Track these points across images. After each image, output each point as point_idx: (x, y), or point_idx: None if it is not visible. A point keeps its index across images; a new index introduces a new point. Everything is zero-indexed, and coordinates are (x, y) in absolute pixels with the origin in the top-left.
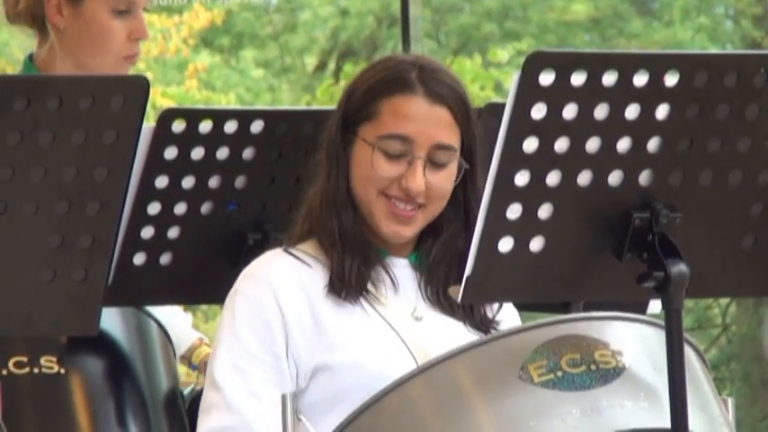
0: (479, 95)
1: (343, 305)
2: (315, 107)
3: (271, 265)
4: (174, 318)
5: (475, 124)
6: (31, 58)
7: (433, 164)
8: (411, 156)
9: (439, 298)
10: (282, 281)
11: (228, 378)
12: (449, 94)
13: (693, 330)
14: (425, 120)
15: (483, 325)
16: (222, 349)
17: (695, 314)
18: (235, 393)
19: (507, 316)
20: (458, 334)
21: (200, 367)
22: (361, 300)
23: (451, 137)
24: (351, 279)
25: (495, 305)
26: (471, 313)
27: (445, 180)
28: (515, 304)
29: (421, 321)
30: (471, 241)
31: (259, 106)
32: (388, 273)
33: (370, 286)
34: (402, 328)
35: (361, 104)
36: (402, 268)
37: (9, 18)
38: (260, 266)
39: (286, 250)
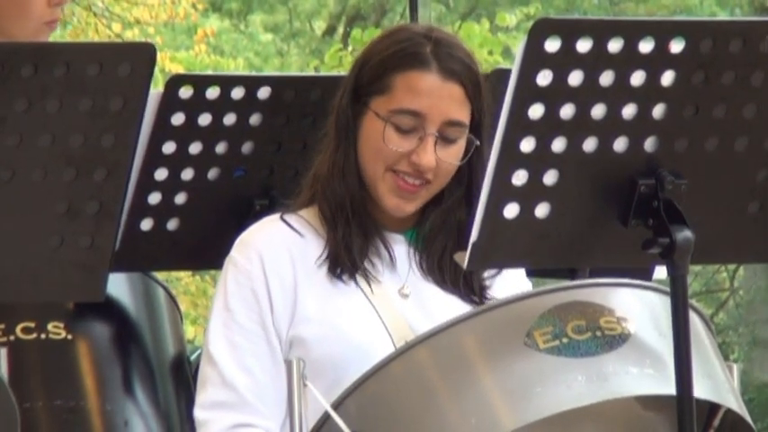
0: (487, 60)
1: (331, 279)
2: (322, 73)
3: (262, 233)
4: None
5: (485, 99)
6: None
7: (444, 140)
8: (422, 131)
9: (432, 269)
10: (271, 249)
11: (222, 352)
12: (462, 71)
13: (701, 294)
14: (438, 96)
15: (476, 294)
16: (216, 321)
17: (703, 278)
18: (228, 368)
19: (518, 284)
20: (447, 309)
21: None
22: (357, 274)
23: (463, 113)
24: (350, 254)
25: (488, 274)
26: (465, 283)
27: (454, 156)
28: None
29: (407, 298)
30: (473, 213)
31: (267, 72)
32: (387, 248)
33: (366, 263)
34: (384, 304)
35: (373, 77)
36: (397, 244)
37: None
38: (252, 235)
39: (282, 217)
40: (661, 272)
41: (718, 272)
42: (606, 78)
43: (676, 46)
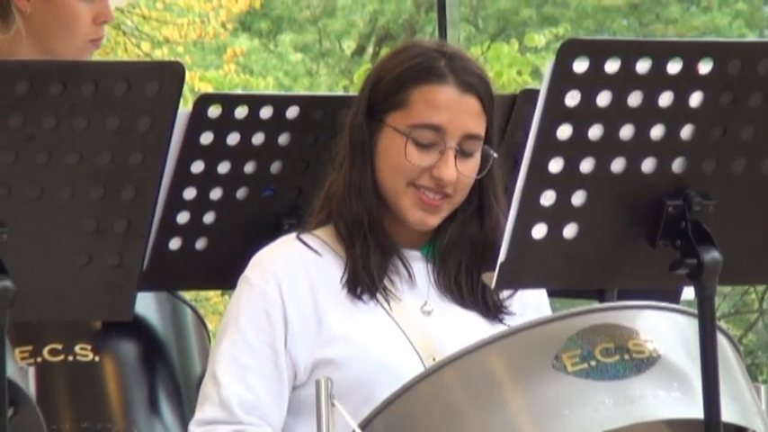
0: (516, 80)
1: (352, 299)
2: (350, 93)
3: (279, 253)
4: None
5: (497, 113)
6: None
7: (463, 153)
8: (443, 145)
9: (449, 286)
10: (288, 271)
11: (227, 372)
12: (478, 84)
13: (730, 316)
14: (456, 109)
15: (494, 311)
16: (226, 340)
17: (732, 300)
18: (229, 388)
19: (537, 300)
20: (468, 325)
21: None
22: (377, 294)
23: (479, 126)
24: (368, 273)
25: (506, 292)
26: (483, 299)
27: (472, 169)
28: (549, 291)
29: (430, 315)
30: (484, 227)
31: (296, 91)
32: (405, 266)
33: (386, 281)
34: (408, 322)
35: (389, 92)
36: (414, 261)
37: None
38: (269, 254)
39: (298, 237)
40: (689, 293)
41: (746, 293)
42: (634, 99)
43: (704, 67)
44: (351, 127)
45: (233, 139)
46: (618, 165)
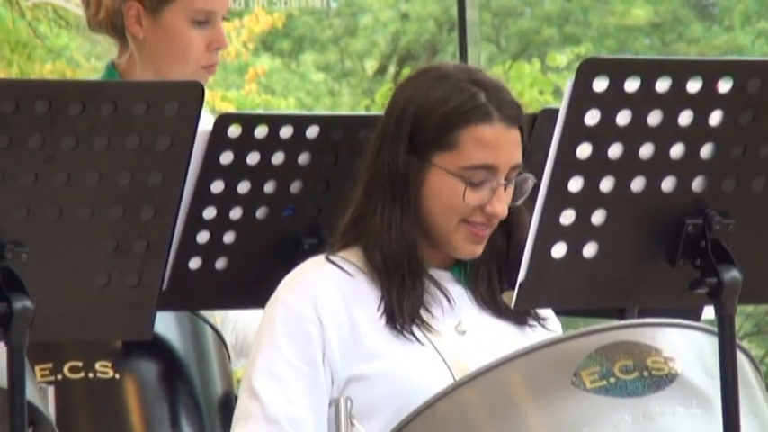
0: (538, 100)
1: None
2: (370, 113)
3: (312, 273)
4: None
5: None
6: (113, 65)
7: (508, 183)
8: (494, 181)
9: (486, 300)
10: (323, 290)
11: (267, 387)
12: (518, 114)
13: (753, 335)
14: (505, 145)
15: (531, 320)
16: (261, 357)
17: (755, 319)
18: (273, 403)
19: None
20: (504, 342)
21: None
22: (413, 326)
23: (520, 154)
24: (403, 311)
25: None
26: (514, 310)
27: (510, 196)
28: (570, 310)
29: (464, 335)
30: (512, 241)
31: (317, 111)
32: (441, 291)
33: (421, 311)
34: (442, 342)
35: (435, 133)
36: (447, 281)
37: (90, 26)
38: (301, 275)
39: (328, 258)
40: (710, 312)
41: None
42: (654, 118)
43: (724, 86)
44: (390, 163)
45: (253, 158)
46: (638, 184)
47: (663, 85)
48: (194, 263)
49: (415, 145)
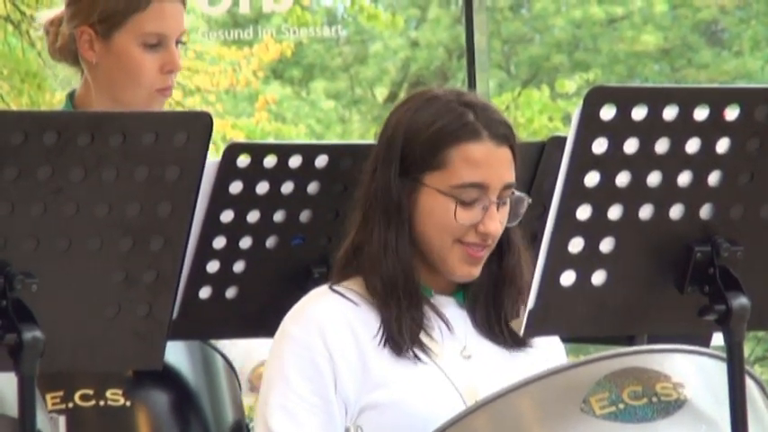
0: (547, 126)
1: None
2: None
3: (317, 304)
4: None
5: (523, 158)
6: (72, 95)
7: (501, 203)
8: (486, 200)
9: (485, 326)
10: (329, 321)
11: (282, 425)
12: (508, 133)
13: (765, 360)
14: (495, 163)
15: (521, 342)
16: (274, 394)
17: (766, 343)
18: None
19: (553, 348)
20: (509, 366)
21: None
22: (415, 349)
23: (513, 173)
24: (404, 336)
25: None
26: (508, 335)
27: (505, 216)
28: (579, 337)
29: (470, 360)
30: (503, 264)
31: (328, 139)
32: (440, 315)
33: (422, 335)
34: (450, 367)
35: (424, 153)
36: (450, 307)
37: (51, 55)
38: (306, 306)
39: (332, 288)
40: (719, 338)
41: None
42: (661, 146)
43: (731, 113)
44: (383, 187)
45: (262, 188)
46: (646, 211)
47: (670, 113)
48: (205, 292)
49: (406, 167)
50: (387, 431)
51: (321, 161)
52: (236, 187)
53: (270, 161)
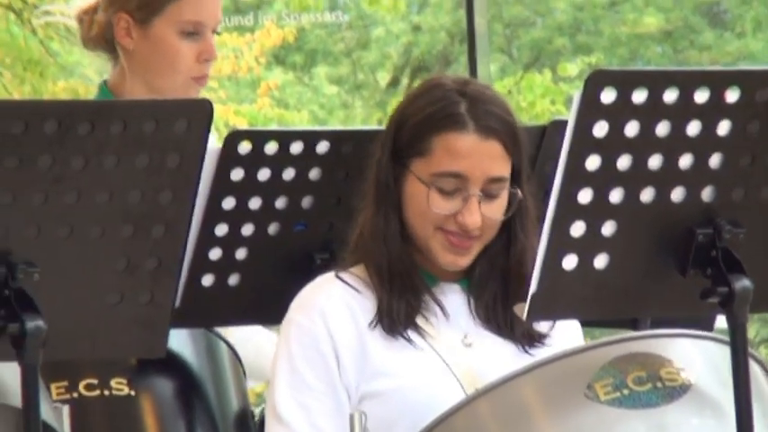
0: (549, 110)
1: (392, 335)
2: (378, 127)
3: (321, 292)
4: (257, 335)
5: (524, 147)
6: (105, 83)
7: (488, 196)
8: (466, 192)
9: (488, 317)
10: (332, 309)
11: (292, 412)
12: (500, 127)
13: None
14: (478, 156)
15: (530, 340)
16: (282, 383)
17: None
18: (300, 428)
19: (569, 333)
20: (509, 357)
21: None
22: (410, 332)
23: (503, 168)
24: (398, 317)
25: (546, 325)
26: (520, 330)
27: (498, 210)
28: (582, 321)
29: (471, 348)
30: (510, 258)
31: (331, 124)
32: (437, 302)
33: (419, 319)
34: (450, 355)
35: (412, 139)
36: (453, 294)
37: (85, 44)
38: (311, 294)
39: (337, 275)
40: (723, 321)
41: None
42: (662, 129)
43: (731, 96)
44: (377, 169)
45: (264, 174)
46: (647, 194)
47: (670, 95)
48: (207, 280)
49: (397, 152)
50: (388, 419)
51: (322, 147)
52: (237, 174)
53: (271, 148)
